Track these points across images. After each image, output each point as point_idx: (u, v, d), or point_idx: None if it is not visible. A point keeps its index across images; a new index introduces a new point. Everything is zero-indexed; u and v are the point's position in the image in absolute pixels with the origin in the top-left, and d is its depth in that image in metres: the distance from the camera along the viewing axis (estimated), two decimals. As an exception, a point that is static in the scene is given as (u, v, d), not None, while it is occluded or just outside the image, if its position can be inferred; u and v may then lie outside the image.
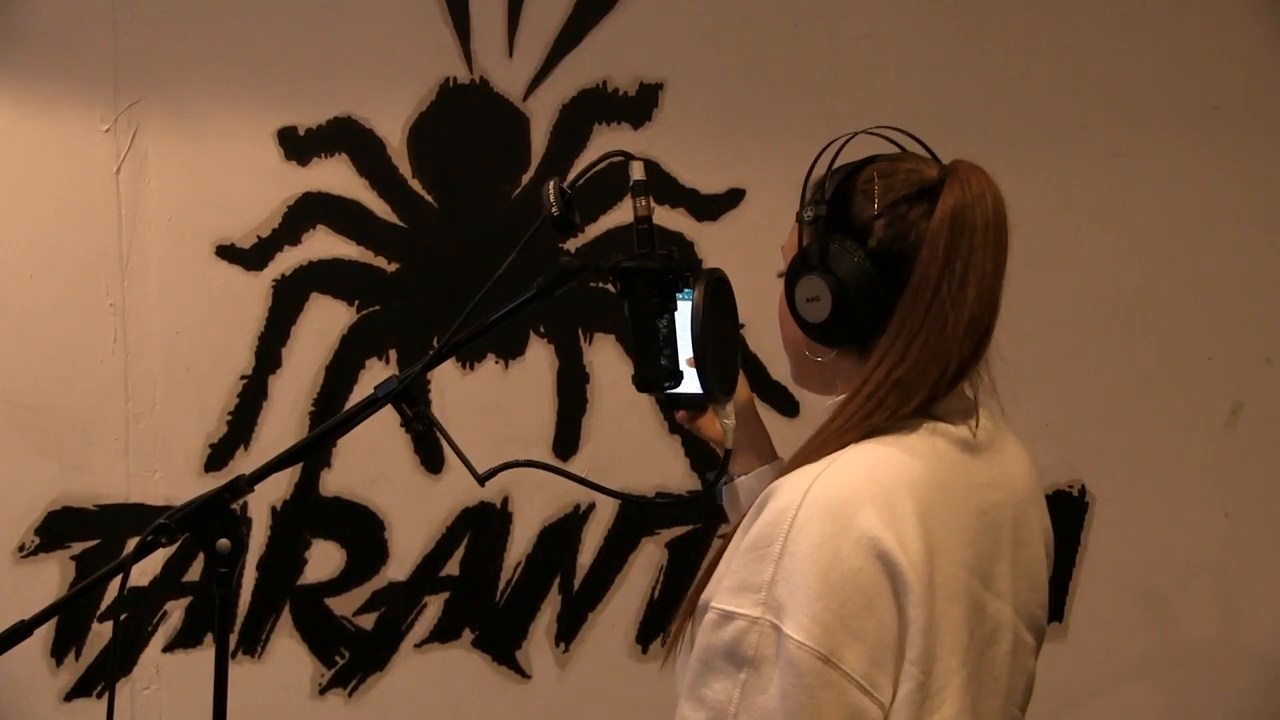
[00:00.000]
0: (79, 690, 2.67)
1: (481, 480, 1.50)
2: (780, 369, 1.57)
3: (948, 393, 1.38)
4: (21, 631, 1.46)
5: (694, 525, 2.78)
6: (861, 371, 1.40)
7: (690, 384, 1.59)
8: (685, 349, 1.56)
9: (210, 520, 1.43)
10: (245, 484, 1.46)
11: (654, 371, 1.56)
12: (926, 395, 1.35)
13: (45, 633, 2.61)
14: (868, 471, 1.31)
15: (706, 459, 2.74)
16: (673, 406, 1.70)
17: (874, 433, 1.35)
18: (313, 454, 2.58)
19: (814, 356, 1.46)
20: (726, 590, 1.29)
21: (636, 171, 1.54)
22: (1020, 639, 1.43)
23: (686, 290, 1.53)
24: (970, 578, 1.34)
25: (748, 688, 1.25)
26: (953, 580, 1.31)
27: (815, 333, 1.42)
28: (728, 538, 1.39)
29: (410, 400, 1.48)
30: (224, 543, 1.43)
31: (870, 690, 1.25)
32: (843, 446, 1.34)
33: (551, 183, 1.50)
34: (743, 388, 1.69)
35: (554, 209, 1.50)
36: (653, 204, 1.55)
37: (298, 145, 2.68)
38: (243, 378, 2.69)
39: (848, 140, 1.47)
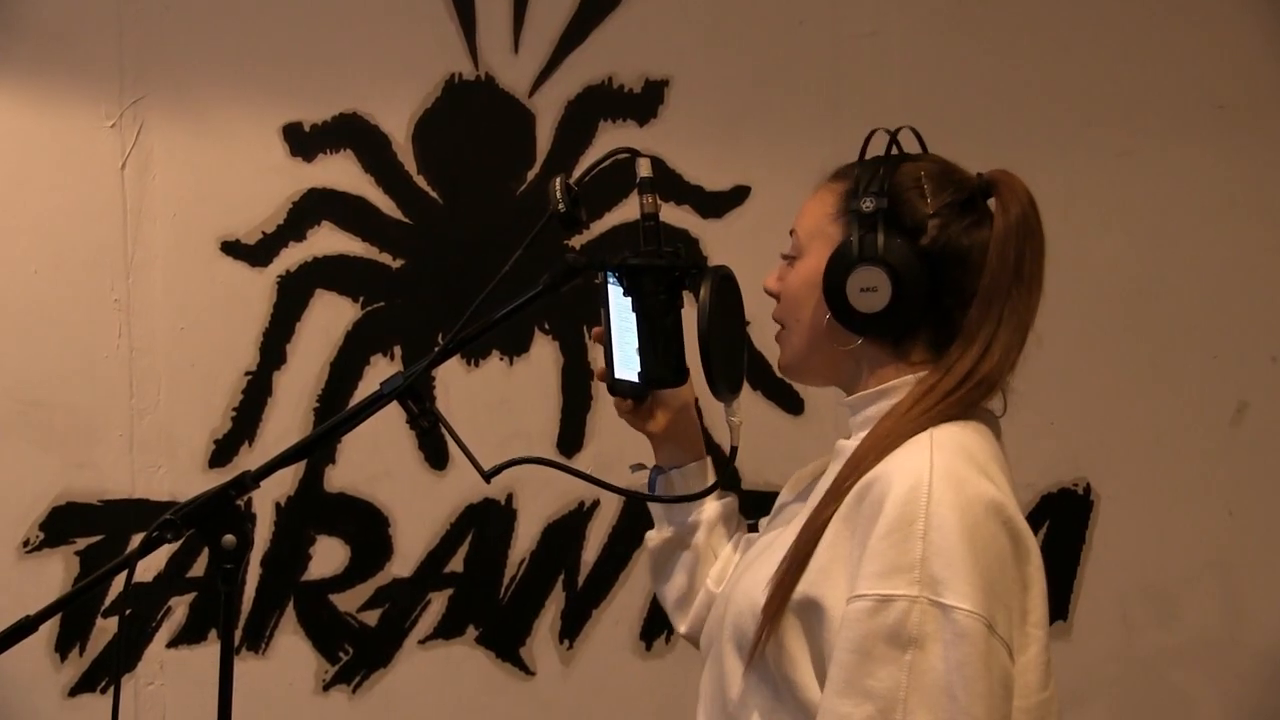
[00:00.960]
0: (83, 686, 2.67)
1: (487, 477, 1.50)
2: (782, 364, 1.58)
3: None
4: (26, 627, 1.46)
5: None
6: (895, 364, 1.46)
7: (632, 373, 1.60)
8: (634, 339, 1.57)
9: (215, 516, 1.43)
10: (250, 480, 1.46)
11: (661, 368, 1.56)
12: (998, 391, 1.44)
13: (49, 628, 2.61)
14: (966, 448, 1.37)
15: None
16: (617, 395, 1.68)
17: (949, 419, 1.40)
18: (318, 450, 2.59)
19: (838, 344, 1.47)
20: (873, 576, 1.29)
21: (643, 168, 1.55)
22: None
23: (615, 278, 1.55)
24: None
25: (915, 669, 1.26)
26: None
27: (859, 321, 1.44)
28: (809, 533, 1.39)
29: (416, 397, 1.49)
30: (229, 539, 1.43)
31: (1013, 652, 1.31)
32: (921, 430, 1.38)
33: (558, 179, 1.50)
34: (688, 382, 1.68)
35: (560, 205, 1.50)
36: (659, 201, 1.55)
37: (303, 141, 2.68)
38: (247, 374, 2.69)
39: (897, 131, 1.50)
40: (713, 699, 1.51)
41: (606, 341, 1.64)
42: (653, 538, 1.74)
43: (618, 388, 1.66)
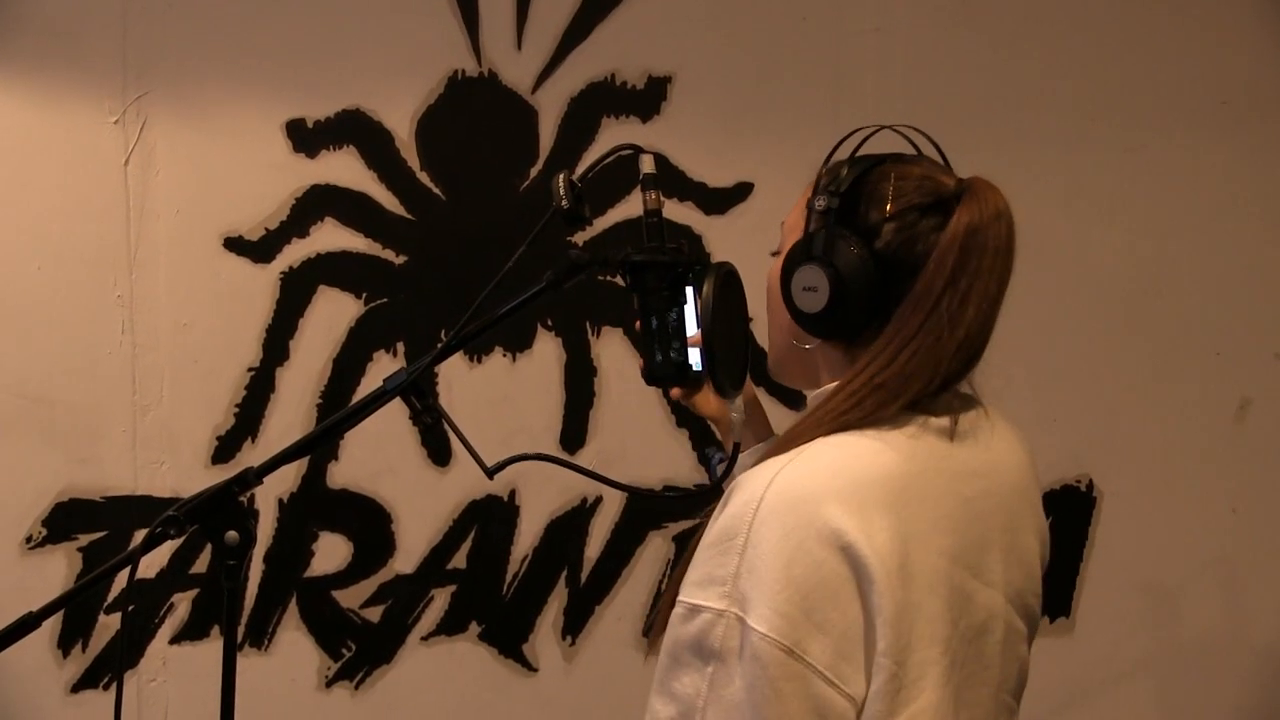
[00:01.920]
0: (86, 682, 2.67)
1: (490, 473, 1.50)
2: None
3: (933, 398, 1.37)
4: (29, 623, 1.46)
5: (701, 519, 2.77)
6: (846, 369, 1.40)
7: (691, 361, 1.59)
8: (690, 327, 1.56)
9: (219, 512, 1.43)
10: (254, 476, 1.46)
11: (664, 365, 1.56)
12: (906, 402, 1.35)
13: (52, 624, 2.61)
14: (832, 463, 1.30)
15: (710, 444, 2.73)
16: (668, 385, 1.68)
17: (847, 427, 1.34)
18: (321, 447, 2.59)
19: (798, 343, 1.45)
20: (692, 584, 1.30)
21: (647, 165, 1.54)
22: (1012, 627, 1.41)
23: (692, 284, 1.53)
24: (953, 566, 1.33)
25: (715, 681, 1.26)
26: (930, 570, 1.30)
27: (804, 321, 1.41)
28: (702, 527, 1.39)
29: (419, 393, 1.49)
30: (232, 535, 1.43)
31: (836, 682, 1.24)
32: (813, 439, 1.34)
33: (561, 175, 1.50)
34: (747, 381, 1.69)
35: (564, 202, 1.50)
36: (662, 198, 1.55)
37: (306, 137, 2.68)
38: (250, 370, 2.69)
39: (872, 133, 1.46)
40: None
41: (647, 335, 1.61)
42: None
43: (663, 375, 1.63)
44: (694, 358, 1.58)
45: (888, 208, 1.37)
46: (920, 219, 1.37)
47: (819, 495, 1.26)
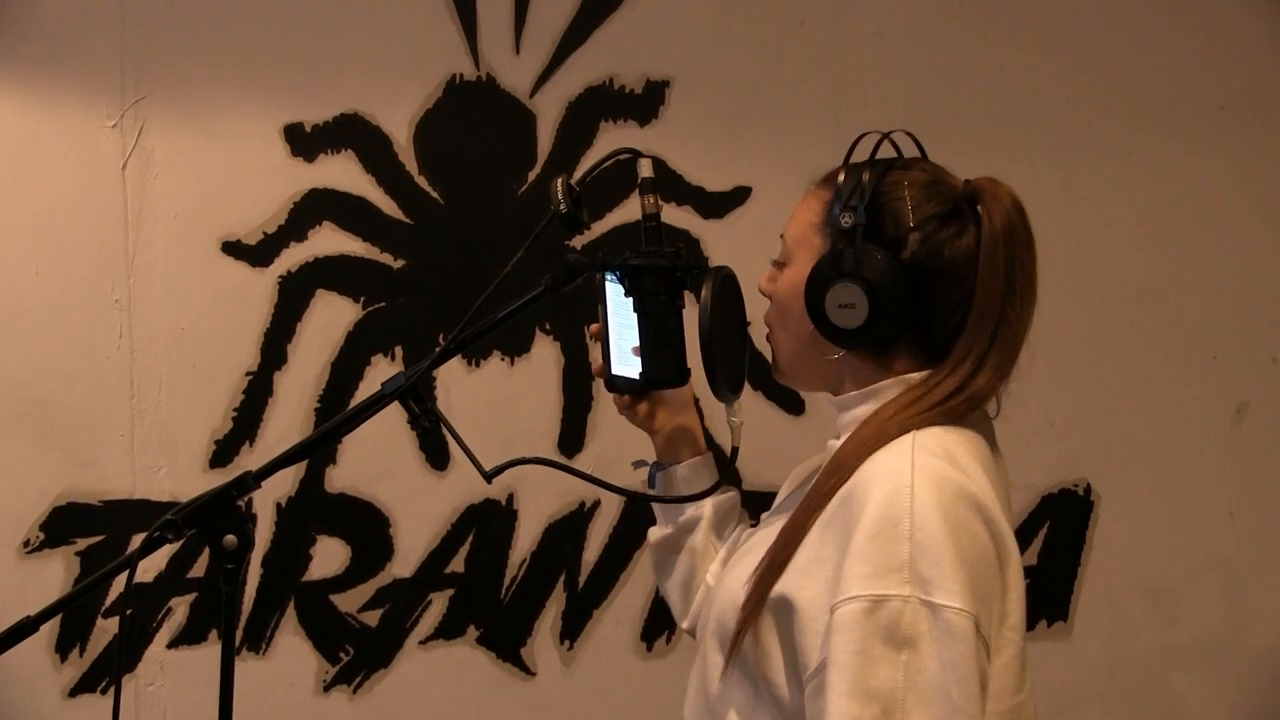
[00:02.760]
0: (83, 686, 2.66)
1: (488, 477, 1.50)
2: (783, 365, 1.59)
3: None
4: (27, 628, 1.46)
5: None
6: (878, 373, 1.45)
7: (631, 370, 1.60)
8: (632, 336, 1.57)
9: (217, 516, 1.43)
10: (252, 480, 1.46)
11: (662, 368, 1.56)
12: (984, 405, 1.43)
13: (50, 628, 2.61)
14: (948, 450, 1.36)
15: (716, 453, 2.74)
16: (614, 391, 1.69)
17: (931, 425, 1.39)
18: (319, 450, 2.59)
19: (822, 354, 1.47)
20: (863, 578, 1.29)
21: (645, 169, 1.55)
22: None
23: (613, 276, 1.55)
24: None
25: (910, 669, 1.27)
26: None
27: (837, 335, 1.44)
28: (790, 533, 1.40)
29: (417, 397, 1.49)
30: (231, 539, 1.43)
31: (990, 654, 1.30)
32: (903, 432, 1.38)
33: (560, 180, 1.51)
34: (689, 380, 1.68)
35: (562, 206, 1.50)
36: (660, 202, 1.55)
37: (304, 141, 2.68)
38: (248, 374, 2.69)
39: (885, 136, 1.48)
40: (697, 693, 1.53)
41: (604, 339, 1.65)
42: (654, 534, 1.74)
43: (616, 384, 1.66)
44: (633, 368, 1.60)
45: (910, 218, 1.42)
46: (941, 227, 1.42)
47: (957, 474, 1.33)
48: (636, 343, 1.57)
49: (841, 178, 1.46)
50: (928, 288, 1.41)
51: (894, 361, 1.45)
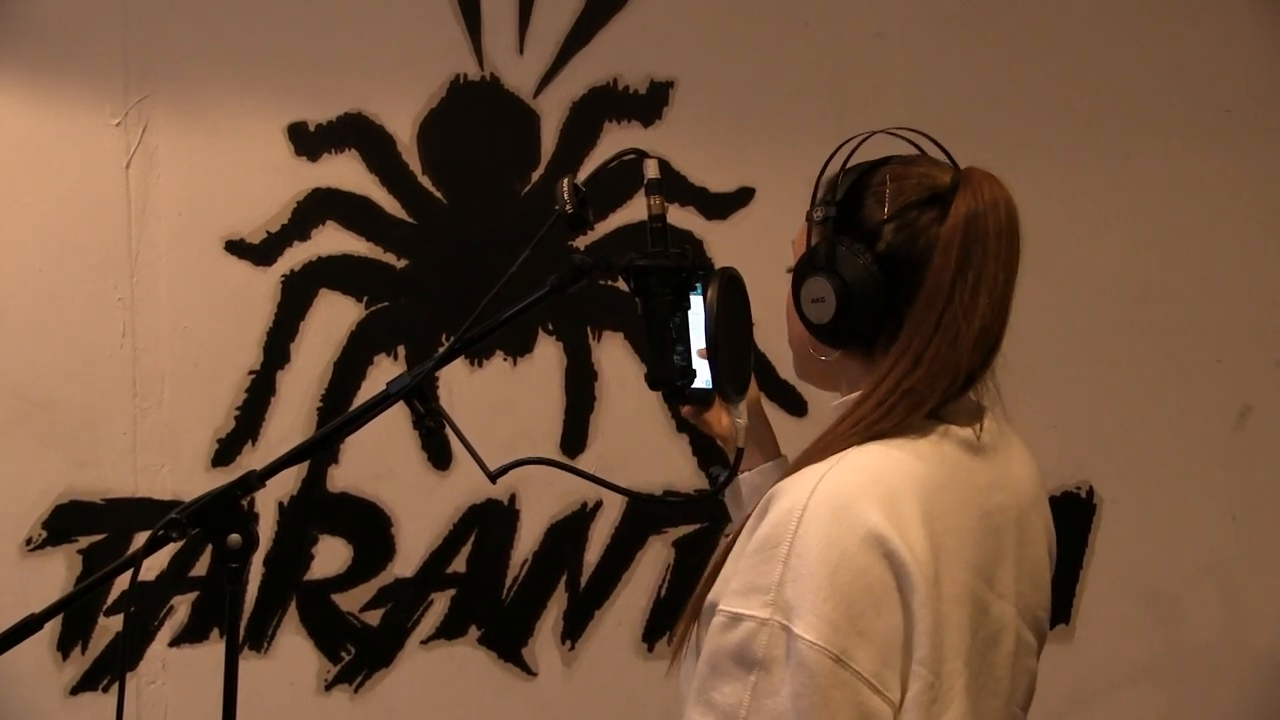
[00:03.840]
0: (85, 684, 2.67)
1: (493, 477, 1.50)
2: (788, 368, 1.57)
3: (956, 399, 1.38)
4: (31, 625, 1.46)
5: (701, 524, 2.78)
6: (869, 376, 1.40)
7: (699, 379, 1.59)
8: (697, 341, 1.56)
9: (221, 515, 1.43)
10: (257, 479, 1.45)
11: (668, 370, 1.56)
12: (936, 403, 1.35)
13: (52, 626, 2.60)
14: (871, 472, 1.30)
15: (714, 457, 2.74)
16: (678, 401, 1.68)
17: (879, 436, 1.34)
18: (325, 450, 2.59)
19: (818, 355, 1.46)
20: (734, 592, 1.28)
21: (651, 170, 1.54)
22: (1022, 639, 1.42)
23: (698, 287, 1.53)
24: (974, 579, 1.34)
25: (758, 690, 1.25)
26: (957, 581, 1.31)
27: (819, 333, 1.42)
28: (733, 537, 1.39)
29: (423, 397, 1.48)
30: (235, 538, 1.42)
31: (881, 689, 1.24)
32: (846, 448, 1.34)
33: (566, 180, 1.50)
34: (751, 384, 1.68)
35: (568, 206, 1.50)
36: (666, 203, 1.55)
37: (308, 141, 2.68)
38: (251, 373, 2.69)
39: (863, 140, 1.46)
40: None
41: (664, 338, 1.60)
42: (731, 531, 1.74)
43: (683, 395, 1.63)
44: (703, 372, 1.58)
45: (885, 209, 1.38)
46: (919, 215, 1.37)
47: (862, 502, 1.26)
48: (701, 346, 1.55)
49: (820, 177, 1.45)
50: (905, 280, 1.36)
51: (881, 361, 1.39)
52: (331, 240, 2.69)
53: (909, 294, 1.36)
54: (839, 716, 1.23)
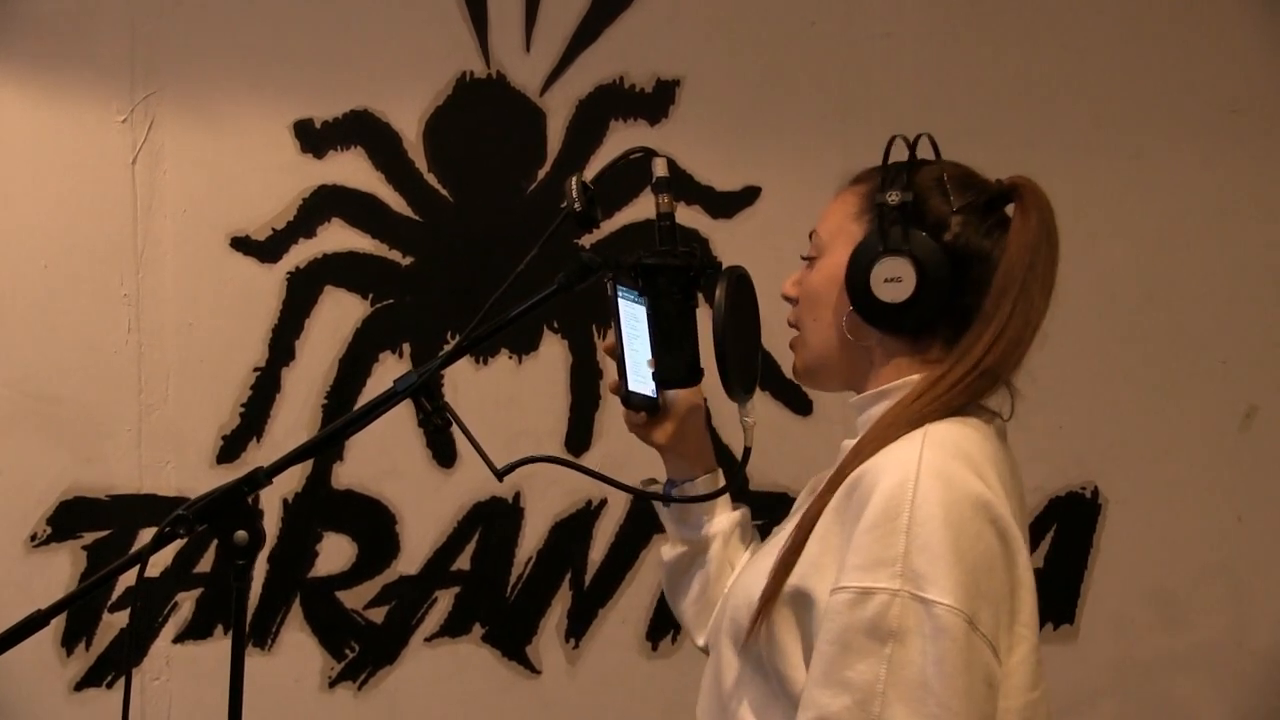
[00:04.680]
0: (89, 680, 2.67)
1: (500, 475, 1.50)
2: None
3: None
4: (37, 622, 1.46)
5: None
6: (912, 361, 1.46)
7: (645, 386, 1.60)
8: (646, 351, 1.56)
9: (228, 512, 1.43)
10: (264, 476, 1.46)
11: (675, 367, 1.56)
12: (1001, 385, 1.44)
13: (56, 623, 2.61)
14: (958, 445, 1.36)
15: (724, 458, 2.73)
16: (630, 408, 1.67)
17: (953, 413, 1.40)
18: (332, 447, 2.59)
19: (858, 340, 1.48)
20: (856, 569, 1.30)
21: (659, 168, 1.54)
22: None
23: (625, 290, 1.55)
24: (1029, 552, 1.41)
25: (895, 662, 1.26)
26: (1024, 550, 1.38)
27: (880, 313, 1.44)
28: (804, 524, 1.40)
29: (430, 395, 1.48)
30: (241, 535, 1.43)
31: (997, 652, 1.29)
32: (919, 425, 1.38)
33: (574, 178, 1.50)
34: (695, 391, 1.66)
35: (577, 205, 1.50)
36: (674, 201, 1.55)
37: (314, 138, 2.68)
38: (256, 370, 2.69)
39: (920, 136, 1.50)
40: (709, 690, 1.53)
41: (619, 354, 1.62)
42: (667, 552, 1.72)
43: (631, 401, 1.65)
44: (648, 384, 1.59)
45: (952, 203, 1.45)
46: (980, 215, 1.46)
47: (964, 472, 1.33)
48: (650, 351, 1.56)
49: (881, 171, 1.49)
50: (965, 272, 1.43)
51: (928, 348, 1.46)
52: (337, 237, 2.69)
53: (971, 285, 1.43)
54: (974, 679, 1.26)
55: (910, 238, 1.43)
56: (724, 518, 1.69)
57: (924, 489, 1.29)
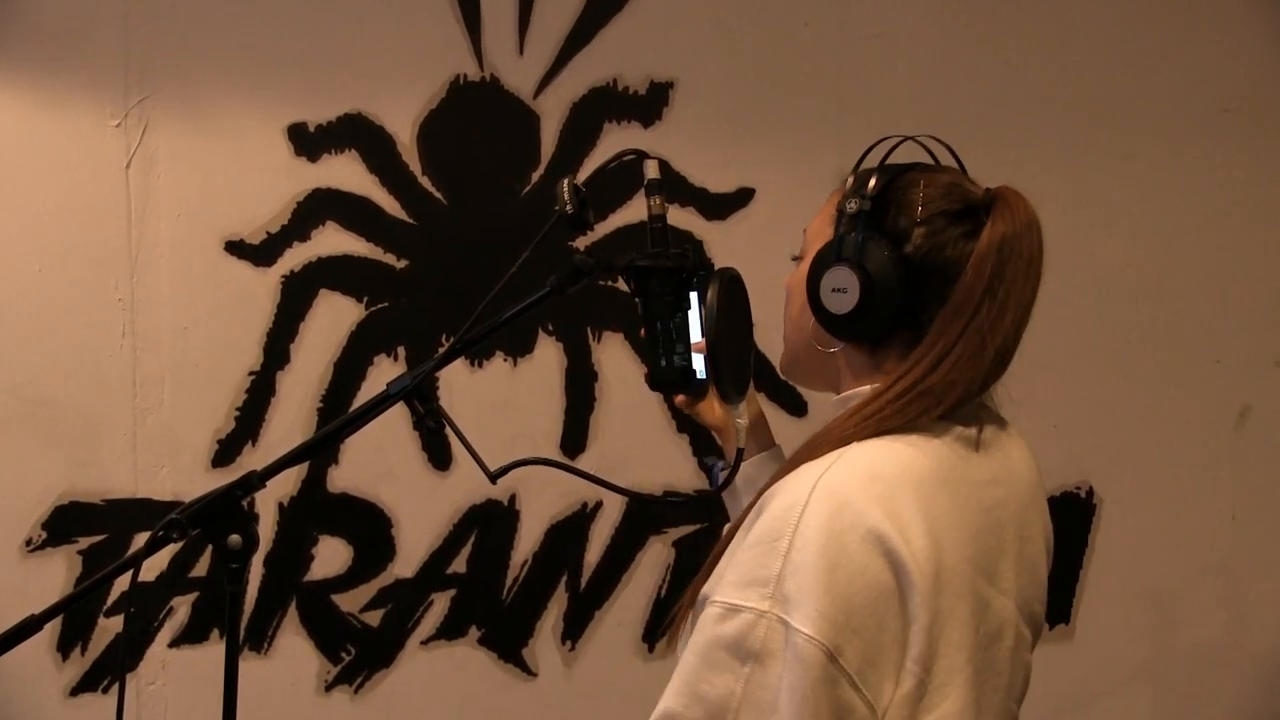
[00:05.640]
0: (85, 685, 2.67)
1: (493, 478, 1.50)
2: (789, 369, 1.59)
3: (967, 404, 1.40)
4: (32, 626, 1.46)
5: (701, 524, 2.78)
6: (880, 372, 1.42)
7: (695, 369, 1.59)
8: (694, 334, 1.56)
9: (222, 516, 1.43)
10: (257, 479, 1.45)
11: (667, 369, 1.56)
12: (947, 408, 1.37)
13: (51, 627, 2.60)
14: (871, 468, 1.31)
15: (710, 452, 2.74)
16: (672, 392, 1.68)
17: (887, 432, 1.36)
18: (325, 450, 2.59)
19: (821, 347, 1.46)
20: (731, 584, 1.29)
21: (651, 170, 1.54)
22: (1020, 634, 1.43)
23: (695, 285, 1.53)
24: (975, 574, 1.35)
25: (751, 681, 1.25)
26: (958, 576, 1.32)
27: (831, 323, 1.42)
28: (730, 531, 1.40)
29: (423, 397, 1.48)
30: (235, 538, 1.42)
31: (860, 687, 1.25)
32: (851, 441, 1.35)
33: (566, 181, 1.50)
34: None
35: (569, 207, 1.50)
36: (666, 203, 1.55)
37: (308, 141, 2.68)
38: (251, 373, 2.69)
39: (901, 141, 1.48)
40: None
41: (654, 339, 1.61)
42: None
43: (665, 380, 1.63)
44: (698, 363, 1.58)
45: (918, 212, 1.40)
46: (949, 225, 1.39)
47: (862, 499, 1.28)
48: (697, 339, 1.55)
49: (856, 174, 1.46)
50: (926, 285, 1.38)
51: (886, 360, 1.42)
52: (331, 241, 2.69)
53: (930, 299, 1.38)
54: (821, 710, 1.23)
55: (866, 247, 1.39)
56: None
57: (811, 513, 1.27)
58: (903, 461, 1.33)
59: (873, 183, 1.42)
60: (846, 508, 1.27)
